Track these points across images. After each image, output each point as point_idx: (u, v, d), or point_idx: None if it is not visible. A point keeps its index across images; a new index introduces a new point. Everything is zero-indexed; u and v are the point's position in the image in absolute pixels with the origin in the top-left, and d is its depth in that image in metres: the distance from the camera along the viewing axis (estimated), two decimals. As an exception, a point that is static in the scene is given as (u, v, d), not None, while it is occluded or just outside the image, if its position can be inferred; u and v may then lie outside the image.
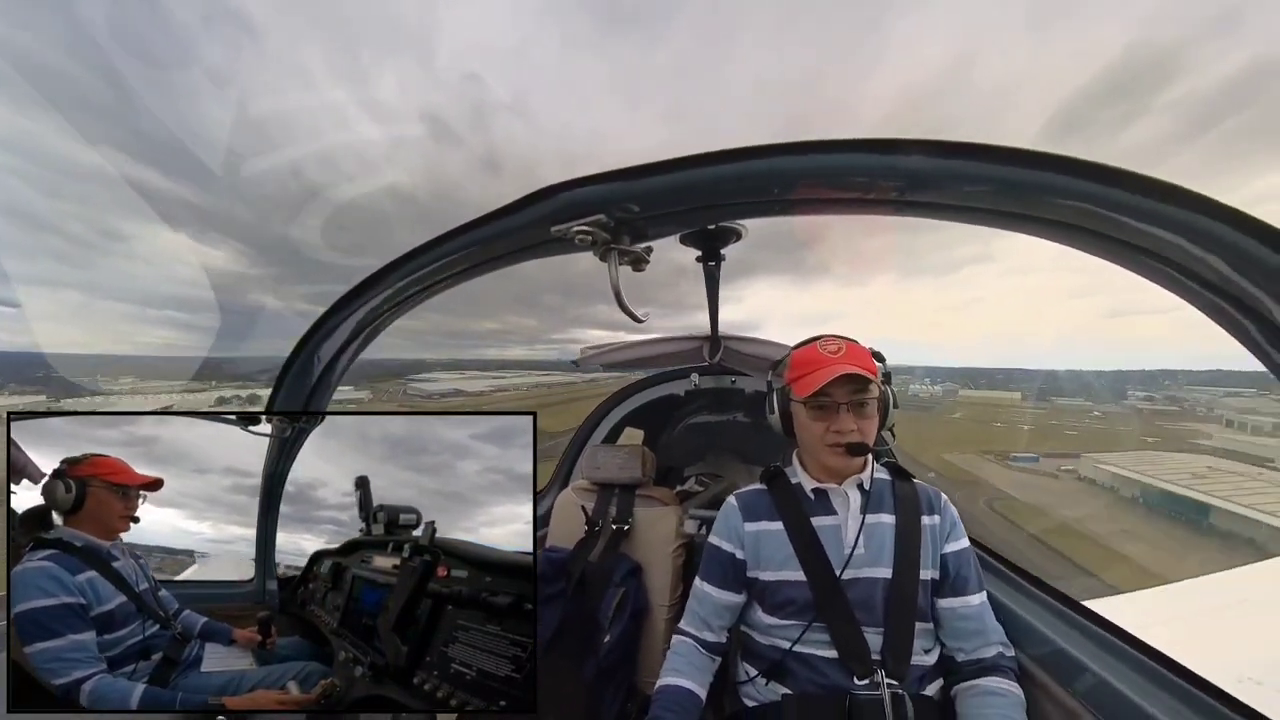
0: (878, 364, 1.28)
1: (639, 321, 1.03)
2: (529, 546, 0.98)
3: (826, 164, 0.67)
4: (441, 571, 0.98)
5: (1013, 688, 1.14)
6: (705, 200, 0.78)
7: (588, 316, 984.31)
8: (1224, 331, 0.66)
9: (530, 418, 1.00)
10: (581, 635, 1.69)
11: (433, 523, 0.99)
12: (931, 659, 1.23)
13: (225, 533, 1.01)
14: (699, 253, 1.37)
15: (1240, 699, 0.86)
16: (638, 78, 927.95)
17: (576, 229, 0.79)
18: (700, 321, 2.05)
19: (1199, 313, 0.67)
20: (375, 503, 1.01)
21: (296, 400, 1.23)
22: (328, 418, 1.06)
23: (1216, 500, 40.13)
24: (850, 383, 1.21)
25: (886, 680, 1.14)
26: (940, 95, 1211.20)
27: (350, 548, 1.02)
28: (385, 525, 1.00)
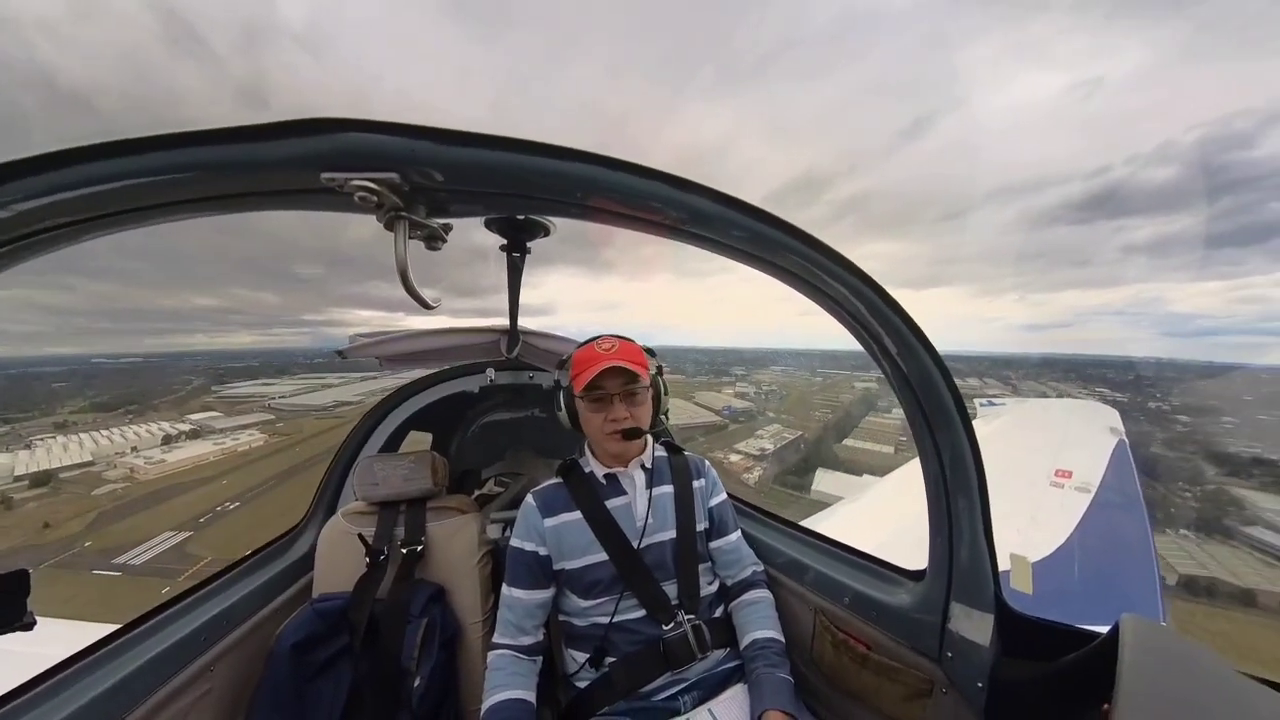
0: (650, 358, 1.41)
1: (429, 308, 0.86)
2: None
3: (632, 185, 0.73)
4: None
5: (764, 594, 1.49)
6: (517, 188, 0.71)
7: (359, 295, 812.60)
8: (836, 335, 0.96)
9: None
10: (384, 691, 1.38)
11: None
12: (714, 588, 1.48)
13: None
14: (504, 241, 1.24)
15: (881, 557, 1.38)
16: (469, 58, 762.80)
17: (358, 183, 0.61)
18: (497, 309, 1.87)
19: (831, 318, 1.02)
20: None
21: None
22: None
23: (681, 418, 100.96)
24: (620, 375, 1.32)
25: (687, 618, 1.34)
26: (707, 159, 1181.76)
27: None
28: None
